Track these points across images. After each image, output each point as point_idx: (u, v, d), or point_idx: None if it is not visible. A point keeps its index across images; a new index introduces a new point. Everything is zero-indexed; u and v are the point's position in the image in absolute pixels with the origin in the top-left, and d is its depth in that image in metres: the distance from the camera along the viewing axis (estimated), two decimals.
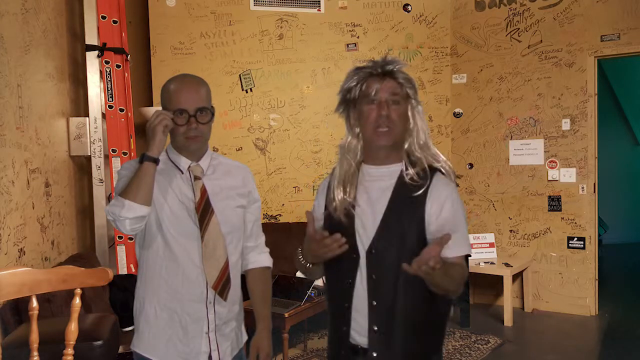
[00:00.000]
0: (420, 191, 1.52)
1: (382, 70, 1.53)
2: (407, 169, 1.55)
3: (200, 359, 1.71)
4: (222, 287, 1.71)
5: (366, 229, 1.55)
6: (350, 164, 1.59)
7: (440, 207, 1.51)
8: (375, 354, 1.54)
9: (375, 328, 1.53)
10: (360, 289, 1.54)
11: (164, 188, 1.70)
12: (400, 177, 1.55)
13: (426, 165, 1.55)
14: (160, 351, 1.71)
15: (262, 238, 1.92)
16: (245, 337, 1.88)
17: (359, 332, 1.56)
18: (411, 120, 1.56)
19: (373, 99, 1.53)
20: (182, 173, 1.74)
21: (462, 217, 1.55)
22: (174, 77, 1.74)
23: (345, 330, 1.58)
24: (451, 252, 1.46)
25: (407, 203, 1.52)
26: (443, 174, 1.56)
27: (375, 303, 1.53)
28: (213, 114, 1.74)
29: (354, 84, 1.55)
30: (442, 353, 1.64)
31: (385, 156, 1.58)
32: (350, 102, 1.59)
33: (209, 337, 1.71)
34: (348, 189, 1.57)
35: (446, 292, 1.48)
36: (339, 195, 1.57)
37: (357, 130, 1.59)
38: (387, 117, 1.52)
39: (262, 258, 1.89)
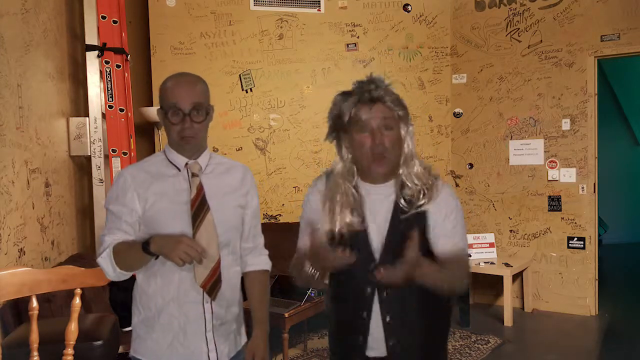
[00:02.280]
0: (421, 202, 1.54)
1: (369, 97, 1.51)
2: (402, 187, 1.56)
3: (201, 359, 1.70)
4: (211, 286, 1.67)
5: (373, 245, 1.57)
6: (349, 187, 1.59)
7: (443, 215, 1.56)
8: None
9: (391, 343, 1.57)
10: (376, 301, 1.57)
11: (160, 187, 1.68)
12: (398, 193, 1.57)
13: (423, 178, 1.57)
14: (163, 356, 1.69)
15: (261, 239, 1.89)
16: (244, 339, 1.86)
17: (371, 343, 1.59)
18: (405, 145, 1.56)
19: (365, 127, 1.51)
20: (179, 171, 1.71)
21: (463, 222, 1.63)
22: (172, 75, 1.71)
23: (362, 340, 1.59)
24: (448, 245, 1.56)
25: (409, 216, 1.54)
26: (437, 182, 1.60)
27: (389, 318, 1.56)
28: (209, 113, 1.70)
29: (344, 111, 1.53)
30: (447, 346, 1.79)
31: (383, 179, 1.60)
32: (340, 129, 1.58)
33: (206, 337, 1.69)
34: (354, 211, 1.56)
35: (450, 289, 1.53)
36: (346, 218, 1.55)
37: (350, 155, 1.59)
38: (382, 145, 1.50)
39: (260, 260, 1.87)
